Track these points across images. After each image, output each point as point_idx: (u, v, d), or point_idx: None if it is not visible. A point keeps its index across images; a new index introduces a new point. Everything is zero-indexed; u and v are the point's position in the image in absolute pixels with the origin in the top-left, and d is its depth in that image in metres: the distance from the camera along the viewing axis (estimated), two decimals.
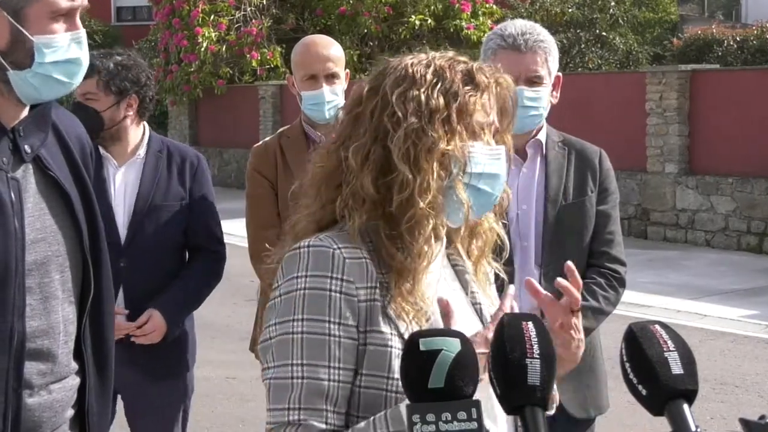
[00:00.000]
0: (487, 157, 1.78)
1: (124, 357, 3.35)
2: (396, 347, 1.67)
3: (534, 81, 2.91)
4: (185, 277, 3.54)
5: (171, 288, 3.48)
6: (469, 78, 1.78)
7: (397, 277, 1.71)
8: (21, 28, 2.03)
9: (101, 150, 3.44)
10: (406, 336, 1.66)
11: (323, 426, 1.63)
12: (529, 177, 3.00)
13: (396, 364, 1.65)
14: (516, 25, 2.95)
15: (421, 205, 1.71)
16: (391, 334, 1.68)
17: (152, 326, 3.41)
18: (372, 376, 1.68)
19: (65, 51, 2.08)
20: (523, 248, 2.96)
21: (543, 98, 2.93)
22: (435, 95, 1.74)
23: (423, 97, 1.74)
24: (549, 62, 2.93)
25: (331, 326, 1.66)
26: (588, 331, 2.98)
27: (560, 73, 3.01)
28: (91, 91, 3.42)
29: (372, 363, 1.68)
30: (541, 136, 3.03)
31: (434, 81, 1.76)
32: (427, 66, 1.78)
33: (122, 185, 3.46)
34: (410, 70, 1.77)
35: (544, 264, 2.95)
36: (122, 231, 3.42)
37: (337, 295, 1.67)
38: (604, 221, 3.03)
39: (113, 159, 3.48)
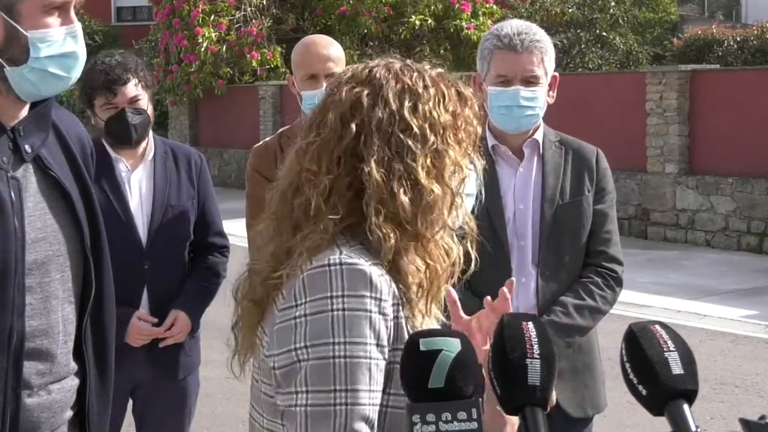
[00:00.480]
0: (471, 176, 1.77)
1: (140, 357, 3.40)
2: None
3: (530, 81, 2.91)
4: (199, 273, 3.58)
5: (189, 286, 3.53)
6: (459, 95, 1.75)
7: (414, 296, 1.68)
8: (14, 24, 2.03)
9: (112, 153, 3.42)
10: None
11: None
12: (526, 176, 3.00)
13: None
14: (512, 25, 2.95)
15: (450, 224, 1.69)
16: None
17: (179, 328, 3.47)
18: (399, 396, 1.63)
19: (60, 45, 2.07)
20: (520, 247, 2.96)
21: (539, 98, 2.93)
22: (442, 111, 1.71)
23: (435, 114, 1.69)
24: (545, 62, 2.93)
25: (371, 348, 1.60)
26: (586, 330, 2.99)
27: (557, 73, 3.01)
28: (139, 93, 3.38)
29: (398, 382, 1.64)
30: (538, 136, 3.03)
31: (437, 96, 1.72)
32: (422, 78, 1.72)
33: (137, 188, 3.46)
34: (408, 82, 1.71)
35: (542, 263, 2.95)
36: (142, 234, 3.43)
37: (377, 316, 1.61)
38: (601, 220, 3.03)
39: (125, 162, 3.46)
